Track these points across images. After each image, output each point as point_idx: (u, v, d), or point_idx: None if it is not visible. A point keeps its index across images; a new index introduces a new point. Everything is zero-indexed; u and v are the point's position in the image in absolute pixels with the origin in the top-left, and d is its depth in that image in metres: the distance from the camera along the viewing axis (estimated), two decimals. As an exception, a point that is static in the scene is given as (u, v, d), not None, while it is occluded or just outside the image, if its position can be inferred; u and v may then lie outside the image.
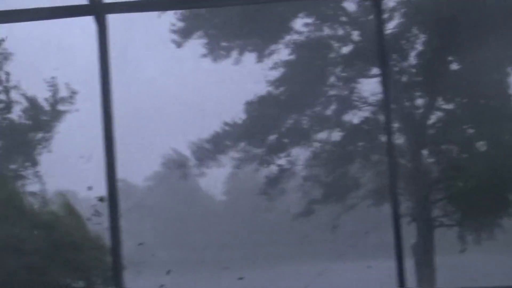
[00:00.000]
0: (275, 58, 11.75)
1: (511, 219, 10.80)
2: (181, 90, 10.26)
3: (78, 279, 9.59)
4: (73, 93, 10.73)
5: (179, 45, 11.56)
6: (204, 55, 11.57)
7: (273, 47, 11.80)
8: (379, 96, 11.24)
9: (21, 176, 10.39)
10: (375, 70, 11.44)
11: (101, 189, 9.51)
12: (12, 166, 10.46)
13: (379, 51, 9.03)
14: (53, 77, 10.64)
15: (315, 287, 8.68)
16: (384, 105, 9.31)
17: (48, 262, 9.34)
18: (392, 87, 10.52)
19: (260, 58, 11.85)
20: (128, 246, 9.60)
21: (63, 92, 10.71)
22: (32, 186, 10.30)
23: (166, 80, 10.12)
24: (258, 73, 11.46)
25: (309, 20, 11.78)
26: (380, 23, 9.16)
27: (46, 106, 10.62)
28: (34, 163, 10.47)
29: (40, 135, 10.59)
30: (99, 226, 9.63)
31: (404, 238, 7.83)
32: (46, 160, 10.48)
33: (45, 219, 9.82)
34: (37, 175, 10.41)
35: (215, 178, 10.77)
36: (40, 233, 9.68)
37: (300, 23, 11.78)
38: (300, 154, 11.56)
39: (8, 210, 9.55)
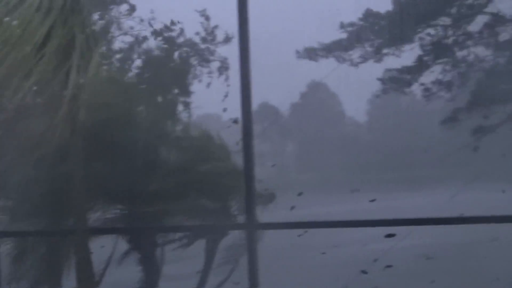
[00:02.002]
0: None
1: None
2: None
3: (215, 201, 9.84)
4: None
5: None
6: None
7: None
8: None
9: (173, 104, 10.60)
10: None
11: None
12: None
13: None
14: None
15: (446, 211, 8.46)
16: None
17: (185, 185, 9.64)
18: None
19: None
20: (264, 169, 9.70)
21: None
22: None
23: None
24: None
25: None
26: None
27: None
28: (186, 92, 10.63)
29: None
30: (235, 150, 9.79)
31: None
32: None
33: (187, 143, 10.11)
34: (185, 102, 10.59)
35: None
36: (180, 156, 9.98)
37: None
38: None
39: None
